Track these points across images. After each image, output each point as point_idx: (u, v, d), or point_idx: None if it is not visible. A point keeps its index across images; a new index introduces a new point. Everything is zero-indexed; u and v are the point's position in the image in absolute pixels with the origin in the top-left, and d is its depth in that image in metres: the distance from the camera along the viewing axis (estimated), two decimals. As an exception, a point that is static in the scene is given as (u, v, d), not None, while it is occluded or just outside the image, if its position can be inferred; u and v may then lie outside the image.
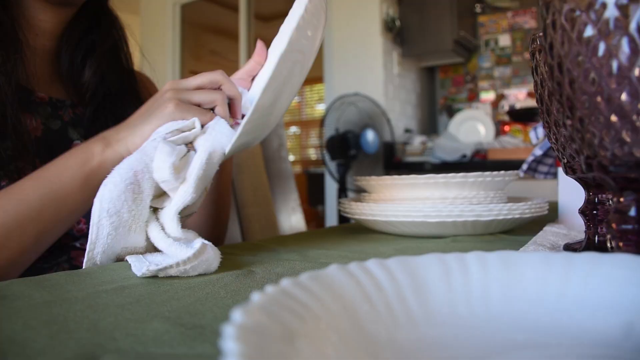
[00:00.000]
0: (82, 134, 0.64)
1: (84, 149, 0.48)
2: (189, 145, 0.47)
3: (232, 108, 0.51)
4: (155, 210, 0.45)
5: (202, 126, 0.48)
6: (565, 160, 0.41)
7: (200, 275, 0.37)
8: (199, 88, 0.49)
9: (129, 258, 0.40)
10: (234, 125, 0.49)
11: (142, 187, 0.42)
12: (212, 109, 0.49)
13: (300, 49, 0.44)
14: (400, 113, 3.14)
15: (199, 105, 0.48)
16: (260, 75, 0.55)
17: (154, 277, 0.36)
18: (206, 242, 0.40)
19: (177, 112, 0.47)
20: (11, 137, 0.54)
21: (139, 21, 3.94)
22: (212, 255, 0.38)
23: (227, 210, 0.70)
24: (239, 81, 0.55)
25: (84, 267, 0.41)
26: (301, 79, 0.50)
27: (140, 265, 0.37)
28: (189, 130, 0.46)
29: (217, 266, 0.39)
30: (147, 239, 0.44)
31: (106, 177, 0.42)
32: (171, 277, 0.36)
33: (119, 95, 0.68)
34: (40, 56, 0.64)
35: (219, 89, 0.50)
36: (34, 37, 0.62)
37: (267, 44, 0.56)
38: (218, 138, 0.46)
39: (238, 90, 0.51)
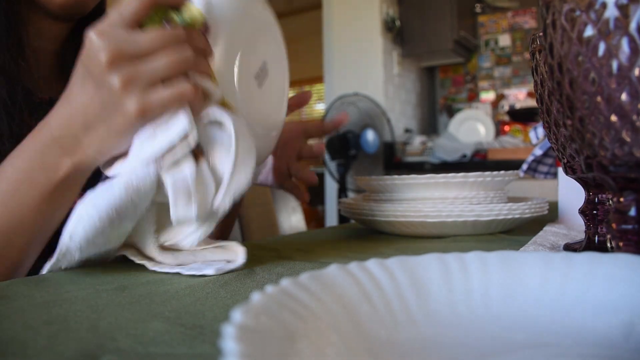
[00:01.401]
0: None
1: (38, 165, 0.38)
2: (197, 153, 0.37)
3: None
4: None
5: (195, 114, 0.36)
6: (565, 160, 0.41)
7: (199, 275, 0.37)
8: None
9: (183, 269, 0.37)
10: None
11: (124, 219, 0.36)
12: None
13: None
14: (400, 113, 3.14)
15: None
16: None
17: (154, 277, 0.36)
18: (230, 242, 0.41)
19: (143, 120, 0.35)
20: (13, 139, 0.54)
21: (139, 21, 3.93)
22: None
23: (232, 224, 0.71)
24: None
25: (45, 272, 0.37)
26: (282, 77, 0.47)
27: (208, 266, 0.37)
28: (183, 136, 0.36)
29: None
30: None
31: (74, 194, 0.39)
32: (171, 277, 0.36)
33: None
34: (42, 58, 0.64)
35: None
36: (38, 41, 0.62)
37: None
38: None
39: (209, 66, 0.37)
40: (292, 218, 1.13)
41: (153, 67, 0.34)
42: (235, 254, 0.40)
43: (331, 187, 2.99)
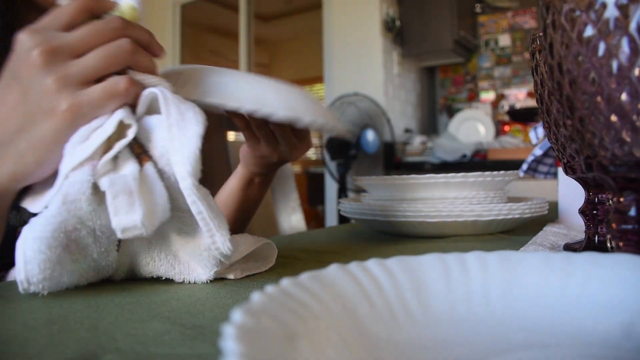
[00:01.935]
0: None
1: None
2: (138, 151, 0.33)
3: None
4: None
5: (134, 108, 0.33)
6: (565, 160, 0.41)
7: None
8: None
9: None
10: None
11: (82, 243, 0.31)
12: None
13: None
14: (400, 113, 3.14)
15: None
16: None
17: (154, 276, 0.36)
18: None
19: (72, 123, 0.31)
20: None
21: (139, 21, 3.93)
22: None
23: (249, 220, 0.69)
24: None
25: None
26: None
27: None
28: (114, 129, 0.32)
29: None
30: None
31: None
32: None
33: None
34: None
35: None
36: None
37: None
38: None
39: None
40: (292, 218, 1.13)
41: (86, 64, 0.32)
42: (264, 259, 0.39)
43: (331, 187, 2.99)
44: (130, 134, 0.32)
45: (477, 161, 2.64)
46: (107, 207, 0.30)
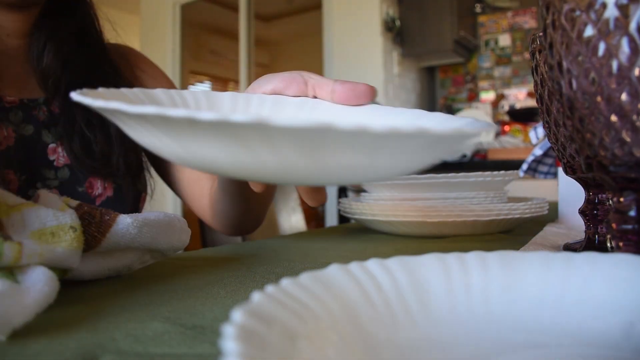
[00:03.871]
0: (58, 134, 0.60)
1: None
2: None
3: None
4: None
5: None
6: (565, 160, 0.41)
7: (200, 275, 0.37)
8: None
9: None
10: None
11: None
12: None
13: None
14: (400, 113, 3.14)
15: None
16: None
17: (154, 276, 0.36)
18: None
19: None
20: None
21: (139, 21, 3.94)
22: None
23: (263, 211, 0.65)
24: None
25: None
26: None
27: None
28: None
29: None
30: None
31: None
32: (171, 276, 0.36)
33: (87, 84, 0.64)
34: (12, 57, 0.61)
35: None
36: (5, 39, 0.60)
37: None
38: None
39: None
40: (292, 218, 1.13)
41: None
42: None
43: (331, 187, 2.99)
44: None
45: (477, 161, 2.64)
46: None
